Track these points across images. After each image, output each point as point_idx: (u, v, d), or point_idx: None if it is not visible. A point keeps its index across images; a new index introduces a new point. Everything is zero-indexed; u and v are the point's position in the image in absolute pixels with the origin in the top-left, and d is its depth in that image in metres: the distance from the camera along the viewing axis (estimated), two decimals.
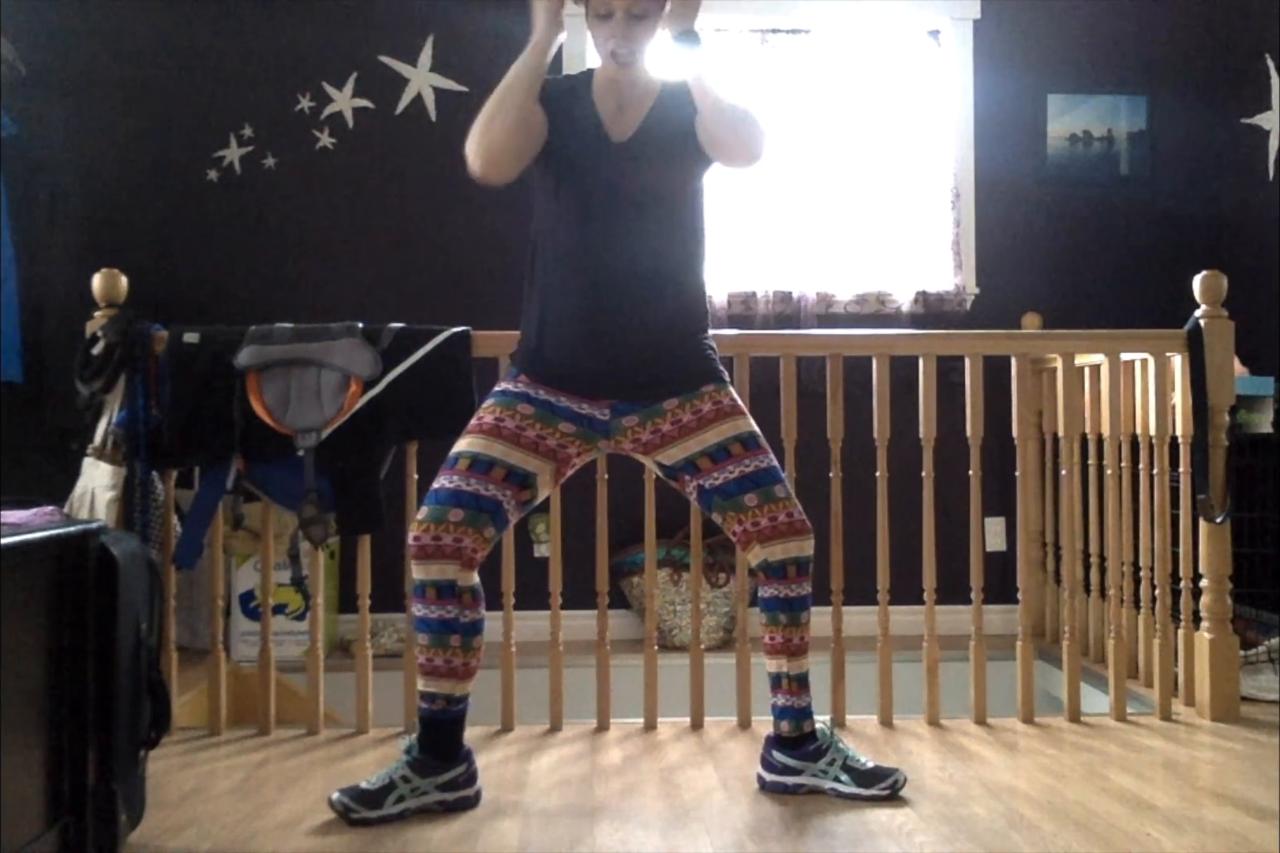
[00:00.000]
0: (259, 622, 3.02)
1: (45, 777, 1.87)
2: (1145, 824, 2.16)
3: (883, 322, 4.13)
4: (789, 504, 2.31)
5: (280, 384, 2.69)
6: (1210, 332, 2.93)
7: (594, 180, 2.30)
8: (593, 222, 2.29)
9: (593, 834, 2.13)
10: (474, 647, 2.26)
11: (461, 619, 2.23)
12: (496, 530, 2.26)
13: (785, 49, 4.21)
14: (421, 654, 2.25)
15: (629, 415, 2.34)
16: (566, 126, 2.33)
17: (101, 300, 2.79)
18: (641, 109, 2.34)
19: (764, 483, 2.30)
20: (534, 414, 2.31)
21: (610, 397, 2.32)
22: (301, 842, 2.11)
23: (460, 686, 2.26)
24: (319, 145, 4.13)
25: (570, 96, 2.35)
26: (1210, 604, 2.94)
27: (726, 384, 2.39)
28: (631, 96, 2.34)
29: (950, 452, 3.20)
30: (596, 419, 2.34)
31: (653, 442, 2.35)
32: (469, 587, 2.24)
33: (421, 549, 2.20)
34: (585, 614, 3.19)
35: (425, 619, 2.23)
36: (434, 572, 2.20)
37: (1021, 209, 4.28)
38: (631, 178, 2.29)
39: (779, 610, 2.32)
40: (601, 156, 2.30)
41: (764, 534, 2.29)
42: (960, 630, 3.17)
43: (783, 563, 2.29)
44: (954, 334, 3.32)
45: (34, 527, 1.90)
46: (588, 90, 2.36)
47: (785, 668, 2.34)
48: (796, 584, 2.31)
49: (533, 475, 2.29)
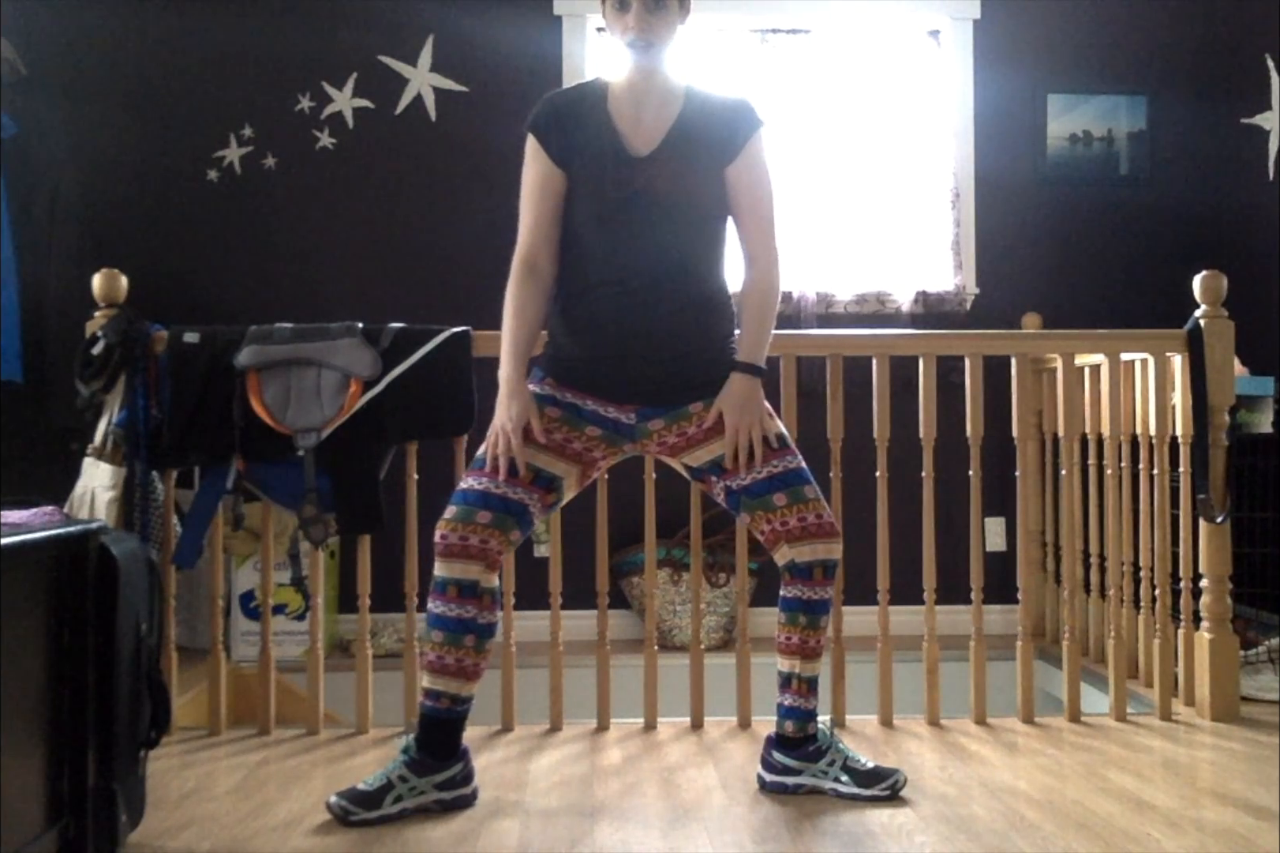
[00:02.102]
0: (259, 622, 3.03)
1: (45, 777, 1.87)
2: (1145, 824, 2.16)
3: (883, 322, 4.13)
4: (819, 506, 2.29)
5: (280, 384, 2.69)
6: (1210, 332, 2.93)
7: (618, 192, 2.26)
8: (618, 230, 2.27)
9: (593, 834, 2.13)
10: (486, 649, 2.26)
11: (479, 620, 2.22)
12: (521, 533, 2.26)
13: (785, 49, 4.21)
14: (433, 651, 2.24)
15: (655, 419, 2.33)
16: (583, 144, 2.28)
17: (101, 300, 2.79)
18: (665, 119, 2.29)
19: (793, 483, 2.28)
20: (561, 417, 2.30)
21: (637, 401, 2.31)
22: (301, 842, 2.11)
23: (467, 686, 2.26)
24: (319, 145, 4.13)
25: (582, 112, 2.30)
26: (1210, 604, 2.94)
27: None
28: (651, 105, 2.29)
29: (950, 452, 3.20)
30: (623, 423, 2.33)
31: (679, 444, 2.34)
32: (490, 589, 2.23)
33: (448, 548, 2.20)
34: (585, 614, 3.19)
35: (443, 617, 2.22)
36: (458, 570, 2.20)
37: (1021, 209, 4.28)
38: (656, 189, 2.25)
39: (800, 612, 2.31)
40: (623, 171, 2.25)
41: (793, 534, 2.27)
42: (960, 631, 3.17)
43: (810, 565, 2.28)
44: (954, 334, 3.32)
45: (34, 527, 1.90)
46: (602, 102, 2.31)
47: (798, 669, 2.33)
48: (821, 587, 2.29)
49: (559, 479, 2.29)
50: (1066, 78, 4.29)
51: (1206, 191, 4.29)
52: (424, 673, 2.27)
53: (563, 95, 2.36)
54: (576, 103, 2.32)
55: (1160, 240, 4.28)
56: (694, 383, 2.32)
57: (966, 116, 4.24)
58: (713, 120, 2.29)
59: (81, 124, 4.06)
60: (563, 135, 2.29)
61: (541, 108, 2.33)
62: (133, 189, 4.08)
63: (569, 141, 2.29)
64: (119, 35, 4.07)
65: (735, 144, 2.29)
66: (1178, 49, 4.31)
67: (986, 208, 4.25)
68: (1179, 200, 4.30)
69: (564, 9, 4.15)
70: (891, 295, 4.19)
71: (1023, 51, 4.28)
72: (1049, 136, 4.29)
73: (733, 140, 2.29)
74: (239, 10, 4.11)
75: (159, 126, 4.09)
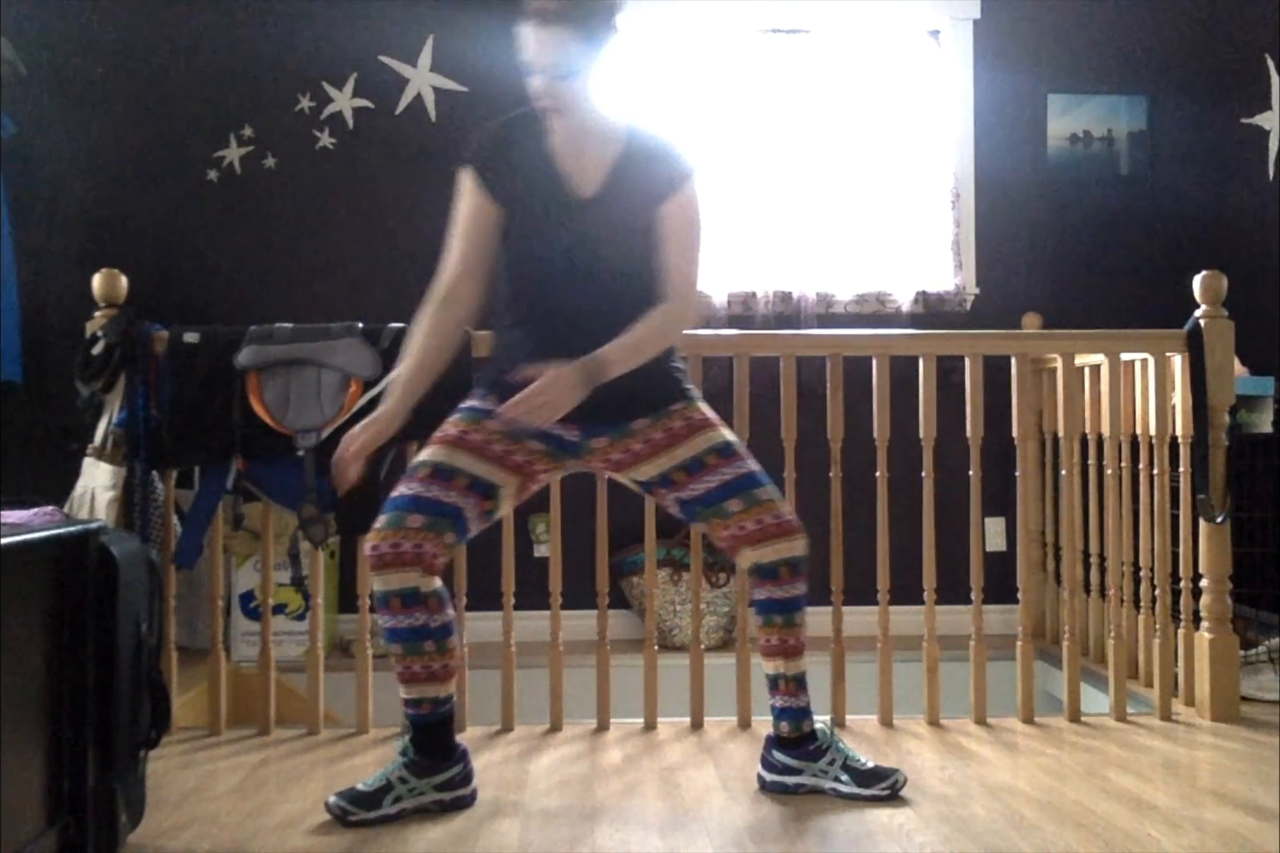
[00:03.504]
0: (259, 622, 3.03)
1: (45, 777, 1.86)
2: (1145, 824, 2.16)
3: (883, 322, 4.13)
4: (774, 506, 2.28)
5: (280, 384, 2.69)
6: (1210, 332, 2.93)
7: (560, 234, 2.22)
8: (559, 269, 2.23)
9: (593, 835, 2.13)
10: (449, 648, 2.22)
11: (432, 625, 2.18)
12: (458, 537, 2.21)
13: (785, 49, 4.21)
14: (398, 663, 2.20)
15: (599, 437, 2.31)
16: (524, 183, 2.22)
17: (101, 300, 2.79)
18: (606, 159, 2.22)
19: (746, 488, 2.27)
20: (501, 430, 2.26)
21: (579, 422, 2.27)
22: (301, 842, 2.11)
23: (443, 687, 2.23)
24: (319, 145, 4.13)
25: (525, 147, 2.23)
26: (1210, 604, 2.94)
27: (695, 401, 2.36)
28: (591, 144, 2.21)
29: (950, 452, 3.20)
30: (566, 440, 2.31)
31: (624, 460, 2.33)
32: (432, 591, 2.17)
33: (380, 558, 2.13)
34: (585, 614, 3.19)
35: (395, 630, 2.17)
36: (394, 581, 2.14)
37: (1021, 209, 4.27)
38: (598, 232, 2.20)
39: (774, 612, 2.31)
40: (565, 214, 2.21)
41: (753, 538, 2.27)
42: (960, 630, 3.16)
43: (775, 564, 2.28)
44: (954, 334, 3.32)
45: (34, 527, 1.90)
46: (543, 136, 2.23)
47: (783, 669, 2.34)
48: (790, 585, 2.29)
49: (497, 488, 2.25)
50: (1066, 78, 4.29)
51: (1206, 192, 4.29)
52: (398, 684, 2.24)
53: (504, 127, 2.27)
54: (518, 136, 2.24)
55: (1160, 240, 4.28)
56: (636, 401, 2.29)
57: (966, 117, 4.24)
58: (652, 163, 2.22)
59: (81, 124, 4.06)
60: (503, 173, 2.23)
61: (481, 141, 2.27)
62: (133, 189, 4.08)
63: (510, 180, 2.23)
64: (119, 35, 4.07)
65: (672, 186, 2.22)
66: (1178, 49, 4.30)
67: (986, 208, 4.25)
68: (1179, 200, 4.30)
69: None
70: (891, 295, 4.19)
71: (1023, 51, 4.28)
72: (1049, 136, 4.29)
73: (670, 182, 2.22)
74: (239, 10, 4.10)
75: (159, 126, 4.09)
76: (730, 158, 4.19)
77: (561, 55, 2.09)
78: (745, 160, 4.19)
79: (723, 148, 4.19)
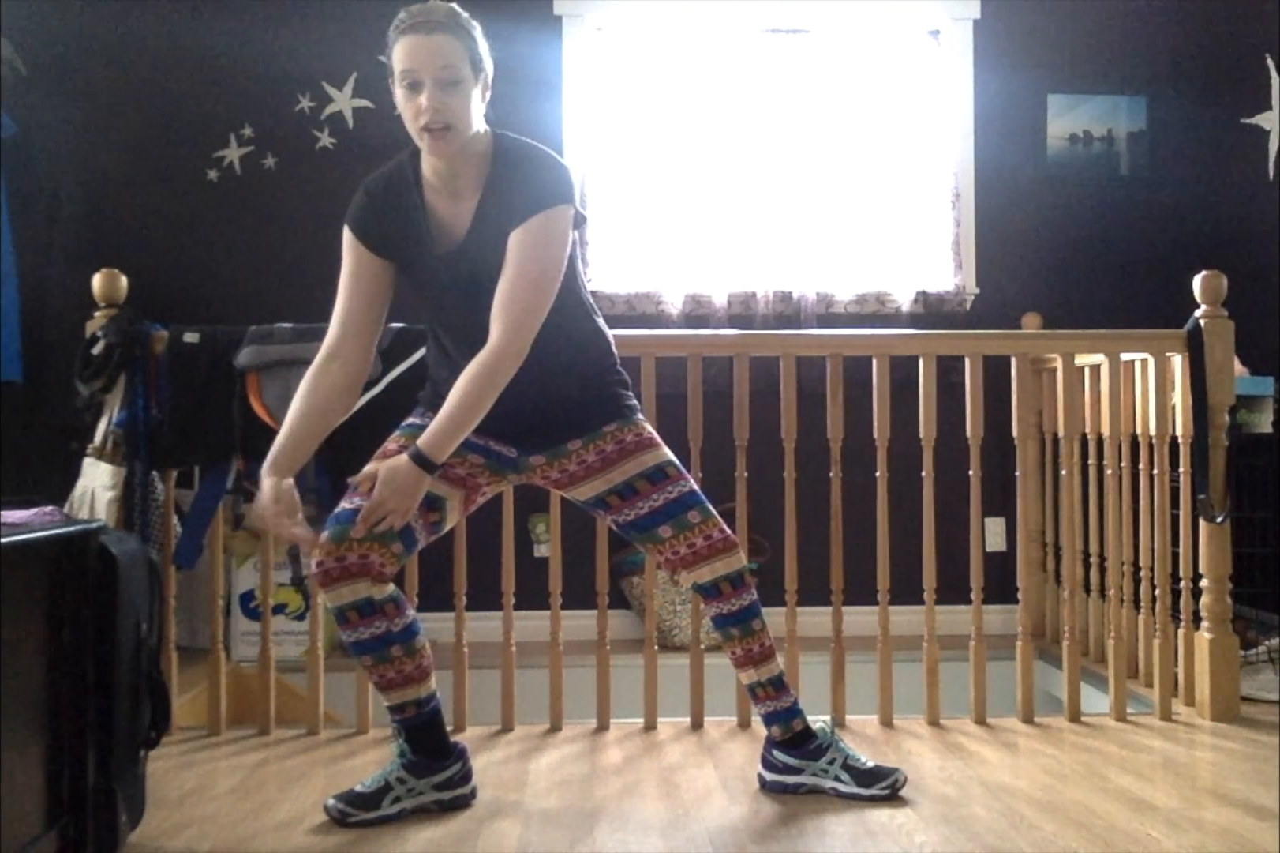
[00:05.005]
0: (259, 622, 3.03)
1: (45, 777, 1.87)
2: (1145, 824, 2.16)
3: (883, 322, 4.13)
4: (705, 527, 2.28)
5: (280, 384, 2.69)
6: (1210, 332, 2.93)
7: (444, 285, 2.21)
8: (457, 316, 2.22)
9: (593, 835, 2.13)
10: (417, 648, 2.19)
11: (394, 629, 2.15)
12: (405, 548, 2.16)
13: (785, 49, 4.21)
14: (372, 673, 2.18)
15: (536, 455, 2.32)
16: (402, 240, 2.22)
17: (101, 300, 2.79)
18: (474, 189, 2.19)
19: (675, 513, 2.28)
20: None
21: (513, 443, 2.30)
22: (301, 842, 2.11)
23: (422, 688, 2.22)
24: (319, 145, 4.13)
25: (401, 203, 2.22)
26: (1210, 604, 2.94)
27: (630, 420, 2.33)
28: (464, 190, 2.19)
29: (950, 452, 3.20)
30: (505, 456, 2.31)
31: (561, 480, 2.34)
32: (387, 598, 2.13)
33: (326, 574, 2.08)
34: (585, 614, 3.19)
35: (359, 642, 2.14)
36: (346, 594, 2.09)
37: (1021, 209, 4.28)
38: (480, 277, 2.16)
39: (729, 626, 2.31)
40: (444, 265, 2.20)
41: (686, 561, 2.29)
42: (960, 630, 3.17)
43: (714, 582, 2.29)
44: (954, 334, 3.32)
45: (34, 527, 1.90)
46: (415, 189, 2.22)
47: (756, 677, 2.34)
48: (735, 598, 2.29)
49: (442, 499, 2.22)
50: (1066, 78, 4.29)
51: (1206, 192, 4.29)
52: (377, 692, 2.23)
53: (379, 185, 2.26)
54: (395, 193, 2.24)
55: (1160, 240, 4.27)
56: (570, 422, 2.29)
57: (966, 117, 4.24)
58: (513, 192, 2.16)
59: (81, 124, 4.06)
60: (382, 232, 2.23)
61: (358, 202, 2.27)
62: (133, 189, 4.08)
63: (388, 238, 2.23)
64: (119, 35, 4.07)
65: (528, 212, 2.14)
66: (1178, 49, 4.30)
67: (986, 208, 4.25)
68: (1179, 200, 4.30)
69: (564, 9, 4.15)
70: (891, 295, 4.19)
71: (1023, 51, 4.28)
72: (1049, 136, 4.29)
73: (526, 209, 2.13)
74: (239, 11, 4.10)
75: (159, 126, 4.09)
76: (731, 158, 4.19)
77: (463, 111, 2.14)
78: (745, 160, 4.19)
79: (723, 148, 4.19)
